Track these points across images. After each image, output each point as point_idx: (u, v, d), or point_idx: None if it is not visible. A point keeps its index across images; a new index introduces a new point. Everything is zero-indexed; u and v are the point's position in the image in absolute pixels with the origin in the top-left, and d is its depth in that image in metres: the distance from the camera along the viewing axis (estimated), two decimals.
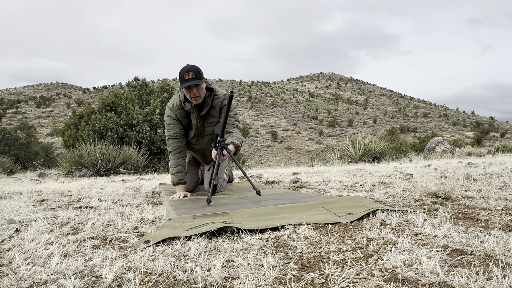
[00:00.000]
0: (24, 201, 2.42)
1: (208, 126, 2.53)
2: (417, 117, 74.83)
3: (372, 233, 1.21)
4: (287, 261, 0.99)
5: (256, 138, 47.57)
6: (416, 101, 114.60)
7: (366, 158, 7.10)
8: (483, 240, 1.08)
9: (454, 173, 3.08)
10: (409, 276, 0.85)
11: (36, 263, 1.04)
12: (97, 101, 37.21)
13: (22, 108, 64.97)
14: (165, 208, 1.88)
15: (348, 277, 0.86)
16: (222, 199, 2.25)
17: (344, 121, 63.06)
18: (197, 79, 2.27)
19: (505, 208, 1.53)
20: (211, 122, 2.52)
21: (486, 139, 44.65)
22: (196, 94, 2.32)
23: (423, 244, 1.07)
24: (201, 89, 2.33)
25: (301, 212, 1.56)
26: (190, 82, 2.25)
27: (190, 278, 0.90)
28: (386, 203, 1.78)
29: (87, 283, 0.89)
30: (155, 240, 1.20)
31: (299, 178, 3.37)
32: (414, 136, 51.61)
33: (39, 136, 37.35)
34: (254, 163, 29.62)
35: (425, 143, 21.95)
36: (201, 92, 2.35)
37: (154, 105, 10.96)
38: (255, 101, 76.81)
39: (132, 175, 5.80)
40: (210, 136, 2.56)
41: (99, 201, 2.30)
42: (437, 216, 1.41)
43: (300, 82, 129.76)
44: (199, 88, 2.32)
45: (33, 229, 1.41)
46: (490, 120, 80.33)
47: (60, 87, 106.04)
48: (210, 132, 2.55)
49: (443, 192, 1.86)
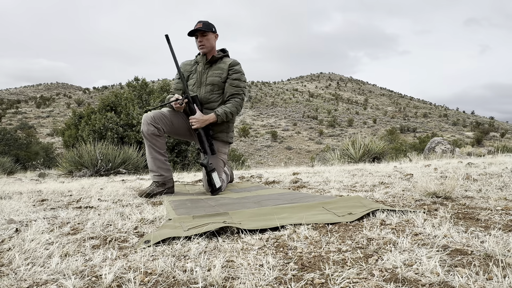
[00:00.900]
0: (24, 201, 2.42)
1: (212, 76, 2.60)
2: (417, 117, 74.83)
3: (372, 233, 1.21)
4: (287, 261, 0.99)
5: (256, 138, 47.56)
6: (416, 101, 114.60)
7: (366, 158, 7.10)
8: (483, 240, 1.08)
9: (454, 173, 3.08)
10: (409, 276, 0.85)
11: (36, 263, 1.04)
12: (97, 101, 37.21)
13: (22, 108, 64.96)
14: (165, 208, 1.88)
15: (348, 277, 0.86)
16: (222, 199, 2.25)
17: (344, 121, 63.06)
18: (204, 27, 2.47)
19: (505, 208, 1.53)
20: (216, 74, 2.60)
21: (486, 139, 44.65)
22: (202, 41, 2.49)
23: (423, 244, 1.07)
24: (207, 39, 2.51)
25: (301, 212, 1.56)
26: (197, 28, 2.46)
27: (190, 278, 0.90)
28: (386, 203, 1.78)
29: (87, 283, 0.89)
30: (155, 240, 1.20)
31: (299, 178, 3.37)
32: (414, 136, 51.60)
33: (39, 136, 37.35)
34: (254, 163, 29.61)
35: (425, 143, 21.96)
36: (207, 42, 2.51)
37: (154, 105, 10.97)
38: (255, 101, 76.82)
39: (132, 175, 5.80)
40: (211, 87, 2.61)
41: (99, 201, 2.30)
42: (437, 216, 1.41)
43: (300, 82, 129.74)
44: (206, 38, 2.50)
45: (33, 229, 1.41)
46: (490, 120, 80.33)
47: (60, 87, 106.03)
48: (212, 82, 2.60)
49: (443, 192, 1.86)
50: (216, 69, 2.60)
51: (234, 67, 2.60)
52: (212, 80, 2.58)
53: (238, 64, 2.63)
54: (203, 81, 2.60)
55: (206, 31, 2.48)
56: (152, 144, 2.53)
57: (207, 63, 2.60)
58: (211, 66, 2.60)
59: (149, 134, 2.50)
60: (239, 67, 2.62)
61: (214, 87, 2.59)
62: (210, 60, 2.58)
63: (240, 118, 59.81)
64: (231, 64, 2.61)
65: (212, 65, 2.61)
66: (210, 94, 2.61)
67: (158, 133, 2.52)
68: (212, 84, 2.58)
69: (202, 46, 2.51)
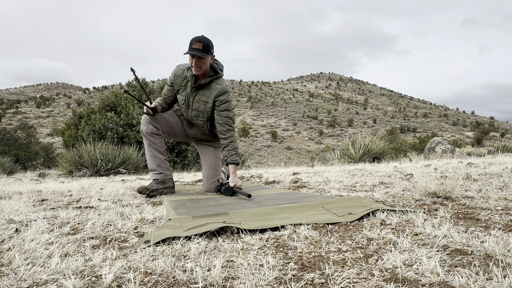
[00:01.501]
0: (24, 201, 2.42)
1: (197, 102, 2.53)
2: (417, 117, 74.84)
3: (372, 233, 1.21)
4: (287, 261, 0.99)
5: (256, 138, 47.56)
6: (416, 101, 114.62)
7: (366, 158, 7.10)
8: (483, 240, 1.08)
9: (454, 173, 3.08)
10: (409, 276, 0.85)
11: (36, 263, 1.04)
12: (97, 101, 37.23)
13: (22, 108, 64.96)
14: (165, 208, 1.88)
15: (348, 277, 0.86)
16: (222, 199, 2.25)
17: (344, 121, 63.06)
18: (202, 52, 2.31)
19: (505, 208, 1.53)
20: (201, 101, 2.52)
21: (486, 139, 44.65)
22: (198, 65, 2.36)
23: (423, 244, 1.07)
24: (203, 63, 2.38)
25: (301, 212, 1.56)
26: (194, 52, 2.30)
27: (190, 278, 0.90)
28: (386, 203, 1.78)
29: (87, 283, 0.89)
30: (155, 240, 1.20)
31: (299, 178, 3.37)
32: (414, 136, 51.61)
33: (39, 136, 37.35)
34: (254, 163, 29.62)
35: (425, 143, 21.95)
36: (203, 65, 2.38)
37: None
38: (255, 101, 76.79)
39: (132, 175, 5.80)
40: (196, 112, 2.56)
41: (99, 201, 2.30)
42: (437, 216, 1.41)
43: (300, 82, 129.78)
44: (202, 61, 2.36)
45: (33, 229, 1.41)
46: (490, 120, 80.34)
47: (60, 87, 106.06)
48: (197, 109, 2.55)
49: (443, 192, 1.86)
50: (202, 95, 2.51)
51: (220, 98, 2.48)
52: (198, 106, 2.54)
53: (225, 93, 2.50)
54: (190, 104, 2.56)
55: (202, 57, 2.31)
56: (151, 143, 2.54)
57: (194, 87, 2.50)
58: (198, 90, 2.51)
59: (148, 133, 2.51)
60: (225, 97, 2.50)
61: (199, 113, 2.56)
62: (197, 86, 2.49)
63: (240, 118, 59.85)
64: (218, 94, 2.48)
65: (199, 90, 2.51)
66: (196, 119, 2.60)
67: (157, 132, 2.54)
68: (198, 110, 2.55)
69: (198, 69, 2.38)
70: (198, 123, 2.62)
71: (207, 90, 2.50)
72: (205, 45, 2.31)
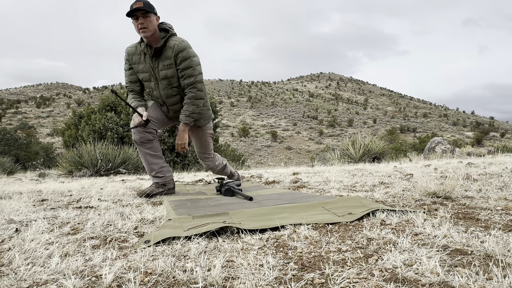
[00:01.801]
0: (24, 201, 2.42)
1: (164, 69, 2.35)
2: (417, 117, 74.83)
3: (372, 233, 1.21)
4: (287, 261, 0.99)
5: (256, 138, 47.56)
6: (416, 101, 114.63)
7: (366, 158, 7.10)
8: (483, 240, 1.08)
9: (454, 173, 3.08)
10: (409, 276, 0.85)
11: (36, 263, 1.04)
12: (97, 101, 37.21)
13: (22, 108, 64.96)
14: (165, 208, 1.88)
15: (348, 277, 0.86)
16: (222, 199, 2.25)
17: (344, 121, 63.06)
18: (146, 7, 2.19)
19: (505, 208, 1.53)
20: (166, 65, 2.33)
21: (486, 139, 44.65)
22: (143, 24, 2.20)
23: (423, 244, 1.07)
24: (149, 21, 2.23)
25: (301, 212, 1.56)
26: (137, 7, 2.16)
27: (190, 278, 0.90)
28: (386, 203, 1.78)
29: (87, 283, 0.89)
30: (155, 240, 1.20)
31: (299, 178, 3.37)
32: (414, 136, 51.60)
33: (39, 136, 37.35)
34: (254, 163, 29.61)
35: (425, 143, 21.95)
36: (149, 24, 2.23)
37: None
38: (255, 101, 76.79)
39: (132, 175, 5.80)
40: (167, 80, 2.38)
41: (99, 201, 2.30)
42: (437, 216, 1.41)
43: (300, 82, 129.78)
44: (147, 20, 2.22)
45: (33, 229, 1.41)
46: (490, 120, 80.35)
47: (60, 87, 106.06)
48: (165, 76, 2.37)
49: (443, 192, 1.86)
50: (165, 59, 2.33)
51: (180, 55, 2.30)
52: (165, 73, 2.35)
53: (184, 50, 2.30)
54: (157, 76, 2.38)
55: (148, 12, 2.19)
56: (147, 150, 2.44)
57: (154, 55, 2.33)
58: (158, 57, 2.34)
59: (143, 142, 2.42)
60: (185, 53, 2.30)
61: (170, 80, 2.38)
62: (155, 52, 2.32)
63: (240, 118, 59.83)
64: (176, 51, 2.30)
65: (159, 56, 2.34)
66: (169, 89, 2.42)
67: (151, 138, 2.44)
68: (166, 77, 2.37)
69: (144, 29, 2.21)
70: (172, 93, 2.44)
71: (165, 52, 2.33)
72: (145, 2, 2.20)
